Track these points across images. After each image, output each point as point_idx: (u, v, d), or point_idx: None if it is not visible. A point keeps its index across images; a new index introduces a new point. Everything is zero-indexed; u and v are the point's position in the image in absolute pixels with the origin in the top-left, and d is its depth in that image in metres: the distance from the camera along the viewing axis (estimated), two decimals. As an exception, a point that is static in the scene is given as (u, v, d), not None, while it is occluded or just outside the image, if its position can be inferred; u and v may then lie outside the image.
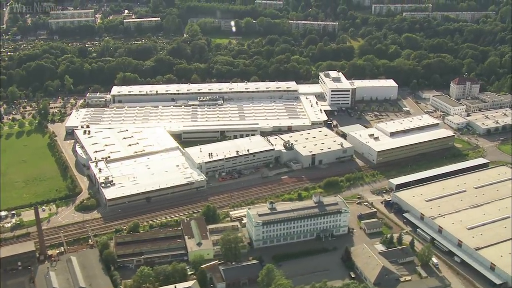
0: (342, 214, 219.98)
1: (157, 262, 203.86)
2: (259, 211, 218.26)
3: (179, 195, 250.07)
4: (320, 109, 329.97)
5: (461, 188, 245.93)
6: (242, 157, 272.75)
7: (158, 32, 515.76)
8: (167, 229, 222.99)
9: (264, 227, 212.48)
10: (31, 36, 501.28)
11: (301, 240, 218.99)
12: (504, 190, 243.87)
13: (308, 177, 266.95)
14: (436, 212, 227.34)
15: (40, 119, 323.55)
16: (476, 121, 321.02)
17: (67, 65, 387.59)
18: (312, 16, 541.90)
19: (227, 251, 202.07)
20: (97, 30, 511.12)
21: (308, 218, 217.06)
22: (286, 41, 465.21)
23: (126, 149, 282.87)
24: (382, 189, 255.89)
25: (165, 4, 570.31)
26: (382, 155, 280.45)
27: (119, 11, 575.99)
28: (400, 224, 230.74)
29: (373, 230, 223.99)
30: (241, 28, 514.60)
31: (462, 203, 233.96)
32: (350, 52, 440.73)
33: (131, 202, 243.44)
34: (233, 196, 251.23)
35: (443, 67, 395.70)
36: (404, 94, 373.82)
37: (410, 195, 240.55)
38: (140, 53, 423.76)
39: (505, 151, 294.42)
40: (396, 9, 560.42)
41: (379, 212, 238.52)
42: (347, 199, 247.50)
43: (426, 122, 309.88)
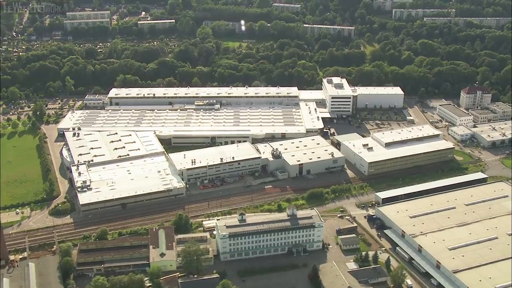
0: (316, 229, 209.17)
1: (118, 271, 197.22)
2: (228, 223, 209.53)
3: (156, 202, 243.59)
4: (317, 117, 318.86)
5: (451, 204, 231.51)
6: (226, 165, 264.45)
7: (172, 34, 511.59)
8: (133, 238, 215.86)
9: (231, 240, 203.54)
10: (46, 36, 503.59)
11: (272, 254, 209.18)
12: (497, 208, 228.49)
13: (293, 188, 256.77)
14: (419, 230, 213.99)
15: (33, 120, 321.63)
16: (482, 132, 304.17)
17: (70, 66, 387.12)
18: (329, 20, 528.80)
19: (188, 263, 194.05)
20: (111, 32, 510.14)
21: (279, 232, 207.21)
22: (298, 45, 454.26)
23: (111, 153, 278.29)
24: (368, 203, 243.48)
25: (182, 6, 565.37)
26: (373, 167, 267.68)
27: (136, 12, 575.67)
28: (381, 241, 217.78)
29: (349, 247, 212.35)
30: (254, 32, 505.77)
31: (448, 221, 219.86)
32: (361, 57, 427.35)
33: (106, 208, 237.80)
34: (210, 205, 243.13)
35: (455, 75, 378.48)
36: (411, 103, 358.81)
37: (394, 211, 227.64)
38: (147, 55, 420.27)
39: (508, 166, 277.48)
40: (417, 14, 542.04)
41: (360, 228, 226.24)
42: (330, 212, 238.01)
43: (426, 133, 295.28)
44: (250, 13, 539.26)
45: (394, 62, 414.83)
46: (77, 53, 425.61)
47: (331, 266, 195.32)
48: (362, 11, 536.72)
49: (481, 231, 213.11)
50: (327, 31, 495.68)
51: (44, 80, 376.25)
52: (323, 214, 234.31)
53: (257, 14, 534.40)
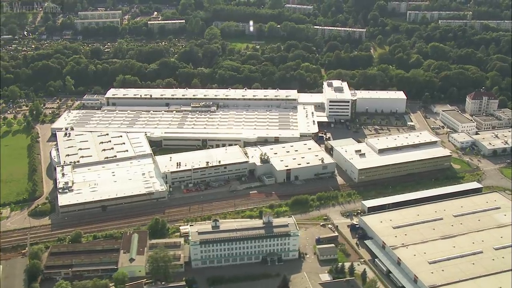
0: (291, 237, 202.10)
1: (86, 276, 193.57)
2: (200, 229, 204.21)
3: (137, 205, 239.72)
4: (313, 121, 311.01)
5: (438, 215, 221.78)
6: (212, 169, 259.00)
7: (181, 34, 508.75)
8: (106, 242, 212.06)
9: (202, 247, 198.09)
10: (56, 36, 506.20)
11: (245, 262, 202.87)
12: (487, 221, 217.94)
13: (279, 193, 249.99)
14: (400, 241, 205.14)
15: (29, 119, 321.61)
16: (483, 140, 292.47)
17: (72, 66, 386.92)
18: (340, 22, 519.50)
19: (155, 269, 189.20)
20: (120, 32, 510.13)
21: (253, 240, 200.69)
22: (306, 47, 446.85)
23: (99, 154, 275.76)
24: (354, 211, 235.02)
25: (194, 6, 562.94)
26: (364, 174, 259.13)
27: (148, 12, 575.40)
28: (362, 251, 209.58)
29: (326, 257, 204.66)
30: (264, 33, 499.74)
31: (433, 233, 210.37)
32: (369, 60, 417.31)
33: (86, 210, 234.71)
34: (191, 210, 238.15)
35: (463, 80, 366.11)
36: (415, 108, 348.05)
37: (377, 220, 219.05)
38: (152, 56, 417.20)
39: (507, 176, 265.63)
40: (432, 16, 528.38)
41: (342, 237, 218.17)
42: (313, 220, 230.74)
43: (423, 139, 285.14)
44: (261, 14, 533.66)
45: (402, 65, 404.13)
46: (82, 53, 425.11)
47: (302, 277, 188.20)
48: (375, 13, 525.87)
49: (466, 245, 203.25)
50: (337, 33, 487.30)
51: (46, 80, 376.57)
52: (306, 222, 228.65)
53: (268, 15, 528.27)
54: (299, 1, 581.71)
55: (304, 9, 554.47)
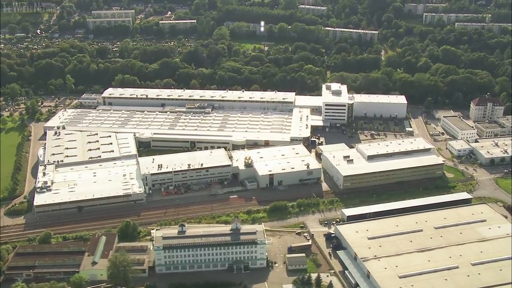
0: (258, 245, 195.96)
1: (47, 278, 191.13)
2: (165, 233, 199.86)
3: (113, 207, 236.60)
4: (306, 124, 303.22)
5: (418, 226, 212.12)
6: (194, 171, 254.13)
7: (192, 34, 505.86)
8: (74, 243, 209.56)
9: (166, 252, 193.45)
10: (68, 35, 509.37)
11: (211, 269, 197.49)
12: (469, 234, 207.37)
13: (259, 199, 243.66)
14: (373, 253, 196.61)
15: (24, 117, 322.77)
16: (482, 148, 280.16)
17: (74, 65, 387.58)
18: (353, 23, 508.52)
19: (113, 274, 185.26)
20: (131, 31, 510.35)
21: (218, 247, 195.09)
22: (315, 49, 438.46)
23: (84, 154, 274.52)
24: (333, 220, 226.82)
25: (208, 6, 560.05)
26: (349, 180, 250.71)
27: (162, 12, 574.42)
28: (334, 262, 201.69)
29: (295, 267, 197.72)
30: (274, 34, 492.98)
31: (409, 245, 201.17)
32: (376, 63, 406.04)
33: (62, 210, 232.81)
34: (168, 213, 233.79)
35: (469, 85, 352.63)
36: (417, 113, 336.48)
37: (353, 230, 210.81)
38: (156, 56, 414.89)
39: (502, 186, 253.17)
40: (449, 19, 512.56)
41: (315, 246, 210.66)
42: (289, 228, 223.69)
43: (416, 146, 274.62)
44: (273, 15, 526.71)
45: (410, 69, 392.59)
46: (88, 52, 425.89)
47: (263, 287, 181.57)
48: (389, 15, 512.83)
49: (442, 259, 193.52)
50: (349, 35, 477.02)
51: (49, 78, 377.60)
52: (281, 230, 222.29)
53: (280, 16, 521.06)
54: (314, 2, 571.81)
55: (318, 10, 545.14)
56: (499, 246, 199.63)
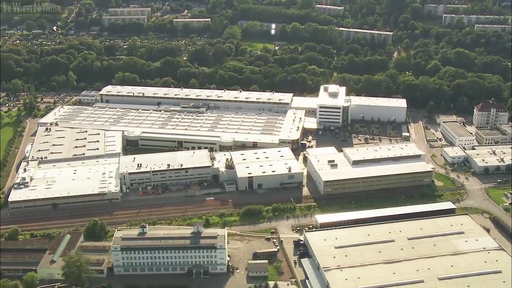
0: (218, 250, 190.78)
1: (6, 275, 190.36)
2: (125, 234, 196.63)
3: (88, 205, 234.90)
4: (297, 127, 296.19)
5: (391, 236, 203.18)
6: (173, 172, 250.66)
7: (205, 33, 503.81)
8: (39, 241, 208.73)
9: (124, 253, 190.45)
10: (83, 31, 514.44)
11: (170, 273, 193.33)
12: (442, 246, 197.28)
13: (235, 202, 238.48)
14: (337, 263, 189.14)
15: (21, 113, 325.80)
16: (477, 156, 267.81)
17: (79, 61, 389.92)
18: (369, 24, 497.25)
19: (67, 274, 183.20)
20: (145, 29, 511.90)
21: (177, 250, 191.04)
22: (325, 49, 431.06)
23: (69, 151, 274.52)
24: (306, 226, 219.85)
25: (224, 5, 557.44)
26: (330, 186, 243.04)
27: (179, 10, 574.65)
28: (298, 271, 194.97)
29: (256, 273, 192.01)
30: (287, 33, 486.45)
31: (377, 256, 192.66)
32: (384, 65, 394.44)
33: (37, 207, 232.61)
34: (140, 213, 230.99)
35: (476, 89, 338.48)
36: (418, 117, 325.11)
37: (322, 238, 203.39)
38: (162, 54, 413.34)
39: (492, 197, 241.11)
40: (469, 20, 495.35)
41: (282, 253, 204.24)
42: (260, 233, 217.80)
43: (406, 152, 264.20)
44: (287, 14, 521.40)
45: (419, 71, 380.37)
46: (96, 49, 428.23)
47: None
48: (406, 16, 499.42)
49: (408, 272, 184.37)
50: (362, 36, 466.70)
51: (53, 74, 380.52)
52: (251, 234, 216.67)
53: (294, 16, 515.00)
54: (331, 2, 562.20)
55: (334, 10, 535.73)
56: (472, 260, 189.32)
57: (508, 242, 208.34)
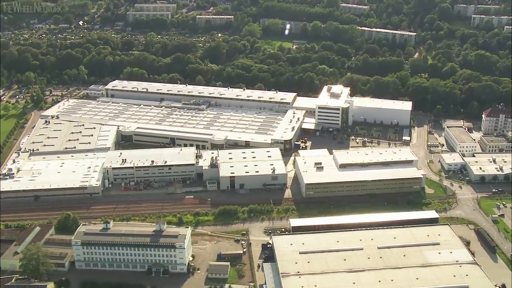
0: (177, 250, 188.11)
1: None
2: (88, 229, 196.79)
3: (68, 198, 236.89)
4: (293, 127, 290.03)
5: (361, 244, 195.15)
6: (156, 168, 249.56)
7: (227, 30, 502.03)
8: (10, 232, 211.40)
9: (84, 248, 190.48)
10: (108, 26, 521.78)
11: (130, 270, 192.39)
12: (413, 257, 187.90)
13: (214, 201, 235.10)
14: (297, 269, 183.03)
15: (28, 105, 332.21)
16: (475, 164, 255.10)
17: (92, 56, 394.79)
18: (393, 24, 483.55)
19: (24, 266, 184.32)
20: (168, 25, 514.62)
21: (136, 247, 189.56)
22: (342, 49, 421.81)
23: (61, 144, 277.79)
24: (278, 229, 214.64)
25: (249, 2, 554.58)
26: (312, 189, 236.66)
27: (205, 7, 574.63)
28: (260, 275, 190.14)
29: (215, 275, 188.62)
30: (307, 32, 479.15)
31: (341, 264, 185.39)
32: (398, 66, 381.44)
33: (19, 198, 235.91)
34: (117, 209, 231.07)
35: (489, 93, 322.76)
36: (424, 121, 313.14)
37: (288, 242, 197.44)
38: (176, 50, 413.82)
39: (483, 207, 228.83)
40: (500, 21, 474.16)
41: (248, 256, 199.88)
42: (231, 234, 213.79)
43: (398, 157, 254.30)
44: (311, 13, 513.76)
45: (435, 73, 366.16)
46: (114, 44, 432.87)
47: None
48: (433, 16, 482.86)
49: (369, 282, 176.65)
50: (384, 36, 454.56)
51: (66, 68, 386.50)
52: (222, 235, 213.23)
53: (317, 14, 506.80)
54: (358, 1, 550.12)
55: (359, 9, 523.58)
56: (440, 273, 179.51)
57: (487, 256, 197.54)
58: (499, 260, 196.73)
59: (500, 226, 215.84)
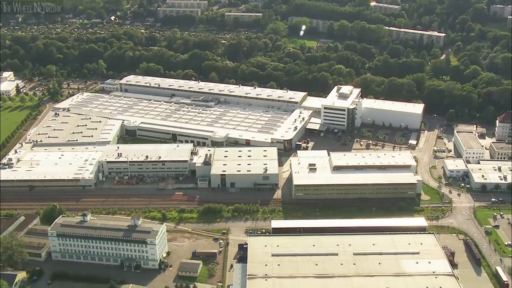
0: (149, 246, 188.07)
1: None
2: (66, 221, 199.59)
3: (61, 190, 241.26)
4: (295, 127, 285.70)
5: (336, 250, 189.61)
6: (150, 164, 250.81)
7: (254, 28, 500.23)
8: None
9: (59, 239, 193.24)
10: (138, 22, 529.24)
11: (104, 263, 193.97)
12: (388, 266, 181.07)
13: (202, 199, 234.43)
14: (265, 272, 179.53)
15: (41, 97, 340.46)
16: (478, 171, 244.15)
17: (113, 50, 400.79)
18: (423, 24, 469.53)
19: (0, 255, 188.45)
20: (197, 21, 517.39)
21: (109, 241, 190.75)
22: (366, 49, 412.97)
23: (65, 136, 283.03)
24: (259, 230, 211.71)
25: (281, 0, 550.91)
26: (302, 191, 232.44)
27: (236, 4, 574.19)
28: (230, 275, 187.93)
29: (185, 273, 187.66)
30: (333, 31, 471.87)
31: (312, 269, 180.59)
32: (419, 68, 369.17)
33: (15, 188, 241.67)
34: (105, 202, 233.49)
35: (507, 98, 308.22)
36: (436, 125, 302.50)
37: (262, 244, 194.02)
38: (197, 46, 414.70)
39: (478, 217, 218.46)
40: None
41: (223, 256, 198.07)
42: (211, 232, 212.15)
43: (396, 161, 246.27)
44: (340, 12, 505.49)
45: (457, 76, 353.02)
46: (137, 39, 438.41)
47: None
48: (465, 17, 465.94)
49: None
50: (412, 36, 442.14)
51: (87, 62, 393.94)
52: (201, 233, 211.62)
53: (346, 13, 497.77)
54: (391, 1, 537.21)
55: (390, 9, 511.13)
56: (413, 284, 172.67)
57: (471, 268, 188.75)
58: (483, 273, 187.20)
59: (492, 237, 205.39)
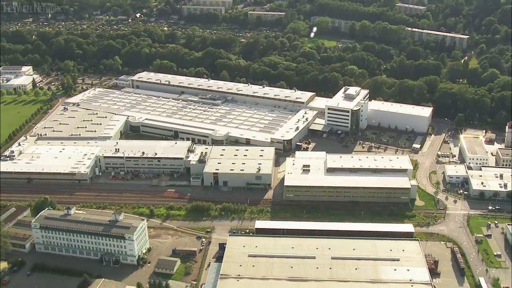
0: (127, 241, 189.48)
1: None
2: (50, 214, 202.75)
3: (58, 183, 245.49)
4: (297, 127, 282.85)
5: (314, 253, 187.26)
6: (145, 160, 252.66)
7: (276, 27, 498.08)
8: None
9: (42, 231, 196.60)
10: (162, 19, 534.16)
11: (84, 257, 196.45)
12: (364, 272, 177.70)
13: (192, 197, 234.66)
14: (238, 272, 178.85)
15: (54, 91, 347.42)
16: (478, 178, 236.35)
17: (130, 47, 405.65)
18: (447, 26, 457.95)
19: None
20: (220, 20, 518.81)
21: (88, 235, 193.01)
22: (384, 50, 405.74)
23: (70, 131, 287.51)
24: (243, 230, 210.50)
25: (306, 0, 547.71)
26: (292, 192, 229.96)
27: (262, 3, 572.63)
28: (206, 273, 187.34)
29: (162, 270, 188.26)
30: (354, 32, 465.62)
31: (286, 271, 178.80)
32: (435, 70, 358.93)
33: (13, 179, 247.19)
34: (98, 197, 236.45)
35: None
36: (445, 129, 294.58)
37: (240, 244, 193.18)
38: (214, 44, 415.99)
39: (471, 226, 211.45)
40: None
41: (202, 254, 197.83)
42: (196, 230, 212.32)
43: (392, 165, 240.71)
44: (363, 12, 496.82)
45: (475, 79, 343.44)
46: (157, 36, 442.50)
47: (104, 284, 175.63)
48: (491, 19, 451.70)
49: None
50: (434, 38, 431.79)
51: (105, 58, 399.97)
52: (186, 231, 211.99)
53: (369, 14, 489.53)
54: (417, 1, 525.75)
55: (415, 10, 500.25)
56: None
57: (454, 278, 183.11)
58: (466, 283, 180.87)
59: (482, 247, 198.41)
